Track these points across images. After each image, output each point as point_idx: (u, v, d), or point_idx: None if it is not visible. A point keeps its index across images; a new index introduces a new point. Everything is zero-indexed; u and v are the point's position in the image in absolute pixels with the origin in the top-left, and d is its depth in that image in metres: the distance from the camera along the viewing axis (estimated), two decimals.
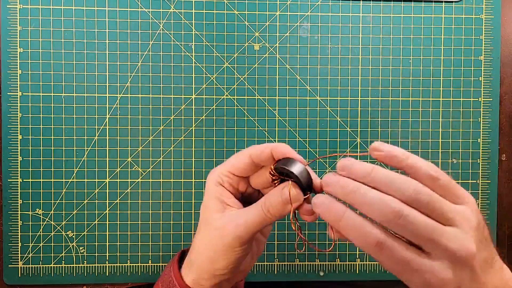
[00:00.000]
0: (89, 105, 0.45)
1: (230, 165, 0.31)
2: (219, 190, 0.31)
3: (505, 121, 0.47)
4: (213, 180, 0.31)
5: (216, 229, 0.30)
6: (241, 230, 0.29)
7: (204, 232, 0.31)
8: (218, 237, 0.29)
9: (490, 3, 0.46)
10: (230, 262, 0.30)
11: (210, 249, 0.30)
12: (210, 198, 0.31)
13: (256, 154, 0.30)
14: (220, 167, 0.31)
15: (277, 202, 0.29)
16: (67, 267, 0.45)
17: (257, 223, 0.29)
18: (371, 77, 0.46)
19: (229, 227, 0.29)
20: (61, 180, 0.45)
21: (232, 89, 0.46)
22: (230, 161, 0.31)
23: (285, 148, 0.29)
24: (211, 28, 0.45)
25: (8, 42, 0.44)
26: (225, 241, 0.29)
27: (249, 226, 0.29)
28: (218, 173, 0.31)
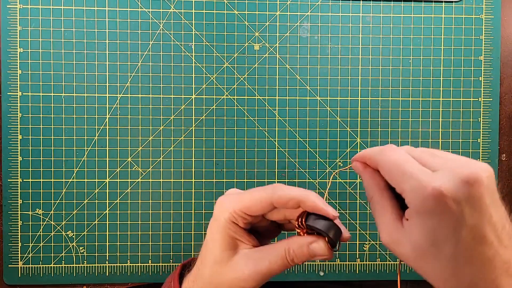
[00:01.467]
0: (89, 105, 0.45)
1: (246, 207, 0.28)
2: (232, 229, 0.29)
3: (505, 121, 0.47)
4: (225, 217, 0.29)
5: (232, 271, 0.29)
6: (262, 276, 0.28)
7: (215, 270, 0.29)
8: (233, 279, 0.28)
9: (490, 3, 0.46)
10: None
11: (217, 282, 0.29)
12: (222, 235, 0.29)
13: (279, 203, 0.28)
14: (233, 203, 0.29)
15: (303, 255, 0.28)
16: (67, 267, 0.45)
17: (278, 270, 0.28)
18: (371, 77, 0.46)
19: (249, 272, 0.28)
20: (61, 180, 0.45)
21: (232, 89, 0.46)
22: (246, 201, 0.29)
23: (315, 202, 0.28)
24: (211, 28, 0.45)
25: (8, 42, 0.44)
26: (242, 284, 0.28)
27: (270, 272, 0.28)
28: (231, 210, 0.29)
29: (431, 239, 0.24)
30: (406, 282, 0.49)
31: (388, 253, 0.46)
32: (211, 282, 0.29)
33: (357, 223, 0.46)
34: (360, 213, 0.46)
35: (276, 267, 0.28)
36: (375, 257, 0.47)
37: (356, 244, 0.46)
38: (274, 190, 0.28)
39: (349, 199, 0.46)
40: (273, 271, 0.28)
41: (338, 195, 0.46)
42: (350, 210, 0.46)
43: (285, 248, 0.28)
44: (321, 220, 0.28)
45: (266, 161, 0.46)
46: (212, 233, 0.30)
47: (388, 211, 0.27)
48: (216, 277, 0.29)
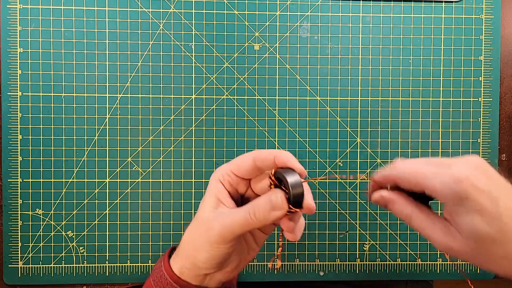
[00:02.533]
0: (89, 105, 0.45)
1: (233, 165, 0.32)
2: (218, 187, 0.32)
3: (505, 121, 0.47)
4: (215, 176, 0.32)
5: (203, 223, 0.31)
6: (225, 229, 0.29)
7: (193, 223, 0.32)
8: (203, 230, 0.30)
9: (490, 3, 0.46)
10: (211, 257, 0.30)
11: (194, 239, 0.31)
12: (208, 193, 0.32)
13: (259, 158, 0.31)
14: (224, 165, 0.32)
15: (263, 207, 0.29)
16: (67, 267, 0.45)
17: (240, 224, 0.29)
18: (371, 77, 0.46)
19: (215, 223, 0.30)
20: (61, 180, 0.45)
21: (232, 89, 0.46)
22: (235, 161, 0.32)
23: (287, 156, 0.30)
24: (211, 28, 0.45)
25: (8, 42, 0.44)
26: (209, 235, 0.30)
27: (233, 226, 0.29)
28: (221, 171, 0.32)
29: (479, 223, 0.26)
30: (406, 282, 0.49)
31: (388, 253, 0.47)
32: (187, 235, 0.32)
33: (357, 223, 0.46)
34: (360, 213, 0.46)
35: (239, 220, 0.29)
36: (375, 257, 0.47)
37: (356, 244, 0.46)
38: (254, 151, 0.32)
39: (349, 199, 0.46)
40: (236, 225, 0.29)
41: (338, 195, 0.46)
42: (350, 210, 0.46)
43: (249, 204, 0.30)
44: (289, 174, 0.29)
45: None
46: (204, 196, 0.32)
47: (435, 219, 0.29)
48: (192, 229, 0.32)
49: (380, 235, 0.46)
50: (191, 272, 0.32)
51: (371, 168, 0.46)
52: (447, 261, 0.47)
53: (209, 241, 0.30)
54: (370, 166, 0.46)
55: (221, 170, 0.32)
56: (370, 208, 0.46)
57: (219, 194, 0.32)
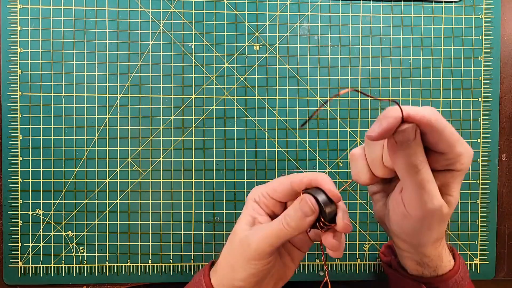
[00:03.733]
0: (89, 105, 0.45)
1: (270, 188, 0.32)
2: (253, 206, 0.32)
3: (505, 121, 0.47)
4: (251, 197, 0.33)
5: (240, 240, 0.31)
6: (261, 242, 0.30)
7: (229, 244, 0.32)
8: (240, 248, 0.30)
9: (490, 3, 0.46)
10: (249, 275, 0.30)
11: (232, 257, 0.31)
12: (243, 212, 0.32)
13: (296, 182, 0.31)
14: (261, 186, 0.33)
15: (294, 214, 0.30)
16: (67, 267, 0.45)
17: (276, 235, 0.30)
18: (371, 77, 0.46)
19: (251, 239, 0.30)
20: (61, 180, 0.45)
21: (232, 89, 0.46)
22: (272, 184, 0.33)
23: (323, 179, 0.30)
24: (211, 28, 0.45)
25: (8, 42, 0.44)
26: (246, 252, 0.30)
27: (269, 238, 0.30)
28: (258, 191, 0.33)
29: None
30: None
31: None
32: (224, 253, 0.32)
33: (357, 223, 0.46)
34: (360, 213, 0.46)
35: (273, 231, 0.30)
36: (375, 257, 0.47)
37: (356, 244, 0.46)
38: (292, 174, 0.32)
39: (349, 199, 0.46)
40: (271, 236, 0.30)
41: None
42: (350, 210, 0.46)
43: (282, 214, 0.31)
44: (321, 193, 0.30)
45: (266, 161, 0.46)
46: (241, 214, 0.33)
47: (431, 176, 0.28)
48: (229, 247, 0.32)
49: (380, 235, 0.46)
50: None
51: None
52: None
53: (246, 258, 0.30)
54: None
55: (257, 191, 0.33)
56: (370, 208, 0.46)
57: (255, 213, 0.32)
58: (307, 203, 0.29)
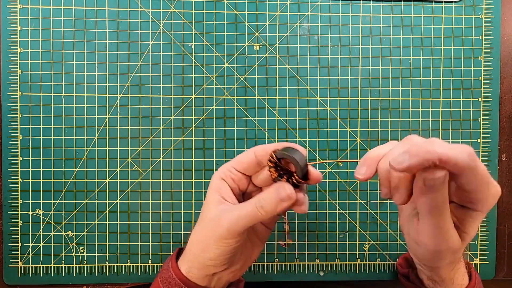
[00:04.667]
0: (89, 105, 0.45)
1: (235, 161, 0.33)
2: (220, 185, 0.32)
3: (505, 121, 0.47)
4: (217, 175, 0.33)
5: (210, 220, 0.31)
6: (233, 222, 0.30)
7: (200, 224, 0.33)
8: (211, 227, 0.31)
9: (490, 3, 0.46)
10: (220, 253, 0.31)
11: (203, 238, 0.32)
12: (210, 191, 0.33)
13: (259, 151, 0.32)
14: (226, 163, 0.33)
15: (270, 200, 0.30)
16: (67, 267, 0.45)
17: (249, 218, 0.30)
18: (371, 77, 0.46)
19: (223, 219, 0.30)
20: (61, 180, 0.45)
21: (232, 89, 0.46)
22: (236, 158, 0.33)
23: (289, 143, 0.31)
24: (211, 28, 0.45)
25: (8, 42, 0.44)
26: (217, 231, 0.30)
27: (241, 220, 0.30)
28: (223, 169, 0.33)
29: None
30: None
31: (388, 253, 0.46)
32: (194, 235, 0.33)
33: (357, 223, 0.46)
34: (360, 213, 0.46)
35: (246, 214, 0.30)
36: (375, 257, 0.47)
37: (356, 244, 0.46)
38: (255, 146, 0.33)
39: (349, 199, 0.46)
40: (244, 218, 0.30)
41: (338, 195, 0.46)
42: (350, 210, 0.46)
43: (256, 197, 0.31)
44: (290, 151, 0.30)
45: None
46: (206, 195, 0.33)
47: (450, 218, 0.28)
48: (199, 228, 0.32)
49: (380, 235, 0.46)
50: (199, 272, 0.32)
51: None
52: None
53: (218, 237, 0.30)
54: None
55: (222, 169, 0.33)
56: (370, 208, 0.46)
57: (222, 192, 0.32)
58: (285, 190, 0.30)
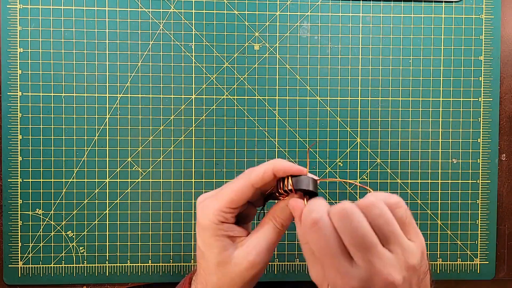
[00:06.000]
0: (89, 105, 0.45)
1: (229, 201, 0.29)
2: (225, 228, 0.29)
3: (505, 121, 0.47)
4: (213, 220, 0.29)
5: (238, 265, 0.29)
6: (266, 254, 0.29)
7: (223, 273, 0.29)
8: (244, 271, 0.29)
9: (490, 3, 0.46)
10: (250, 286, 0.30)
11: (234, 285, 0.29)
12: (215, 239, 0.29)
13: (257, 181, 0.29)
14: (215, 203, 0.29)
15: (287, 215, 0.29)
16: (67, 267, 0.45)
17: (276, 240, 0.29)
18: (371, 77, 0.46)
19: (253, 257, 0.29)
20: (61, 180, 0.45)
21: (232, 89, 0.46)
22: (228, 195, 0.29)
23: (284, 164, 0.29)
24: (211, 28, 0.45)
25: (8, 42, 0.44)
26: (253, 271, 0.29)
27: (271, 246, 0.29)
28: (216, 212, 0.29)
29: None
30: None
31: None
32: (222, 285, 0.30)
33: None
34: None
35: (272, 239, 0.29)
36: None
37: None
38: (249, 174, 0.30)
39: (349, 199, 0.46)
40: (272, 244, 0.29)
41: (338, 195, 0.46)
42: None
43: (271, 219, 0.30)
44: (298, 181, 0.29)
45: (266, 161, 0.46)
46: (204, 241, 0.30)
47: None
48: (225, 279, 0.29)
49: None
50: None
51: (371, 168, 0.46)
52: (446, 261, 0.47)
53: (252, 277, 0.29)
54: (370, 166, 0.46)
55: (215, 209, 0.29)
56: None
57: (229, 232, 0.30)
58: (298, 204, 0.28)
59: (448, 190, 0.46)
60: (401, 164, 0.46)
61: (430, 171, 0.46)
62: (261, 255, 0.29)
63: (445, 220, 0.46)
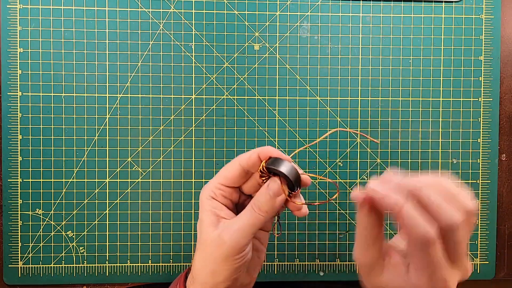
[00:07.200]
0: (89, 105, 0.45)
1: (221, 177, 0.31)
2: (212, 204, 0.31)
3: (505, 121, 0.47)
4: (205, 194, 0.31)
5: (212, 241, 0.30)
6: (237, 235, 0.29)
7: (202, 247, 0.31)
8: (216, 249, 0.30)
9: (490, 3, 0.46)
10: (231, 273, 0.30)
11: (210, 262, 0.30)
12: (204, 213, 0.31)
13: (244, 160, 0.31)
14: (212, 180, 0.32)
15: (266, 199, 0.30)
16: (67, 267, 0.45)
17: (251, 224, 0.30)
18: (371, 77, 0.46)
19: (225, 236, 0.29)
20: (61, 180, 0.45)
21: (232, 89, 0.46)
22: (221, 173, 0.32)
23: (270, 149, 0.30)
24: (211, 28, 0.45)
25: (8, 42, 0.44)
26: (223, 250, 0.29)
27: (244, 229, 0.29)
28: (210, 187, 0.32)
29: None
30: None
31: None
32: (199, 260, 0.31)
33: None
34: None
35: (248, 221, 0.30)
36: None
37: None
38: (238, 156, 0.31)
39: (349, 199, 0.46)
40: (247, 226, 0.30)
41: (338, 195, 0.46)
42: (350, 210, 0.46)
43: (251, 202, 0.30)
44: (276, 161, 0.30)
45: None
46: (199, 216, 0.32)
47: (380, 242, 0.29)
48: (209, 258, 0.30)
49: None
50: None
51: (371, 168, 0.46)
52: None
53: (225, 257, 0.29)
54: (370, 166, 0.46)
55: (209, 186, 0.32)
56: None
57: (216, 210, 0.31)
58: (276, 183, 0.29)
59: None
60: (401, 164, 0.46)
61: (430, 171, 0.46)
62: (233, 234, 0.29)
63: None
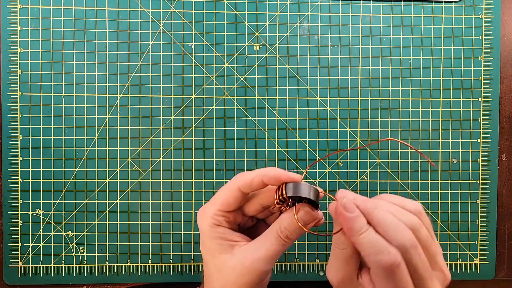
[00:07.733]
0: (89, 105, 0.45)
1: (220, 204, 0.30)
2: (219, 230, 0.30)
3: (505, 121, 0.47)
4: (208, 223, 0.30)
5: (234, 269, 0.28)
6: (264, 264, 0.28)
7: (219, 275, 0.29)
8: (239, 277, 0.28)
9: (490, 3, 0.46)
10: None
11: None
12: (213, 241, 0.29)
13: (245, 186, 0.29)
14: (210, 207, 0.30)
15: (295, 228, 0.28)
16: (67, 267, 0.45)
17: (277, 251, 0.28)
18: (371, 77, 0.46)
19: (249, 262, 0.28)
20: (61, 180, 0.45)
21: (232, 89, 0.46)
22: (220, 198, 0.30)
23: (275, 171, 0.28)
24: (211, 28, 0.45)
25: (8, 42, 0.44)
26: (247, 278, 0.28)
27: (271, 256, 0.28)
28: (211, 215, 0.30)
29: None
30: None
31: None
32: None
33: None
34: None
35: (274, 249, 0.28)
36: None
37: None
38: (239, 177, 0.29)
39: None
40: (273, 255, 0.28)
41: None
42: None
43: (276, 229, 0.29)
44: (297, 187, 0.28)
45: (266, 161, 0.46)
46: (204, 245, 0.30)
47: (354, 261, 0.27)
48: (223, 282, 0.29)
49: None
50: None
51: (371, 168, 0.46)
52: (446, 261, 0.47)
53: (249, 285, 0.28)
54: (370, 166, 0.46)
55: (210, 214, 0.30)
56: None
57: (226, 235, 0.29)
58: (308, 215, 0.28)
59: (448, 190, 0.46)
60: (401, 164, 0.46)
61: (430, 171, 0.46)
62: (258, 263, 0.28)
63: (445, 220, 0.46)
